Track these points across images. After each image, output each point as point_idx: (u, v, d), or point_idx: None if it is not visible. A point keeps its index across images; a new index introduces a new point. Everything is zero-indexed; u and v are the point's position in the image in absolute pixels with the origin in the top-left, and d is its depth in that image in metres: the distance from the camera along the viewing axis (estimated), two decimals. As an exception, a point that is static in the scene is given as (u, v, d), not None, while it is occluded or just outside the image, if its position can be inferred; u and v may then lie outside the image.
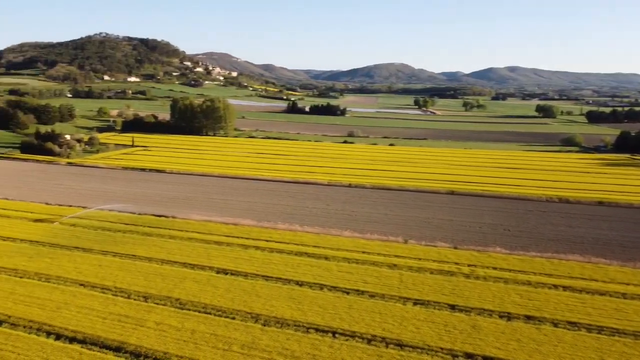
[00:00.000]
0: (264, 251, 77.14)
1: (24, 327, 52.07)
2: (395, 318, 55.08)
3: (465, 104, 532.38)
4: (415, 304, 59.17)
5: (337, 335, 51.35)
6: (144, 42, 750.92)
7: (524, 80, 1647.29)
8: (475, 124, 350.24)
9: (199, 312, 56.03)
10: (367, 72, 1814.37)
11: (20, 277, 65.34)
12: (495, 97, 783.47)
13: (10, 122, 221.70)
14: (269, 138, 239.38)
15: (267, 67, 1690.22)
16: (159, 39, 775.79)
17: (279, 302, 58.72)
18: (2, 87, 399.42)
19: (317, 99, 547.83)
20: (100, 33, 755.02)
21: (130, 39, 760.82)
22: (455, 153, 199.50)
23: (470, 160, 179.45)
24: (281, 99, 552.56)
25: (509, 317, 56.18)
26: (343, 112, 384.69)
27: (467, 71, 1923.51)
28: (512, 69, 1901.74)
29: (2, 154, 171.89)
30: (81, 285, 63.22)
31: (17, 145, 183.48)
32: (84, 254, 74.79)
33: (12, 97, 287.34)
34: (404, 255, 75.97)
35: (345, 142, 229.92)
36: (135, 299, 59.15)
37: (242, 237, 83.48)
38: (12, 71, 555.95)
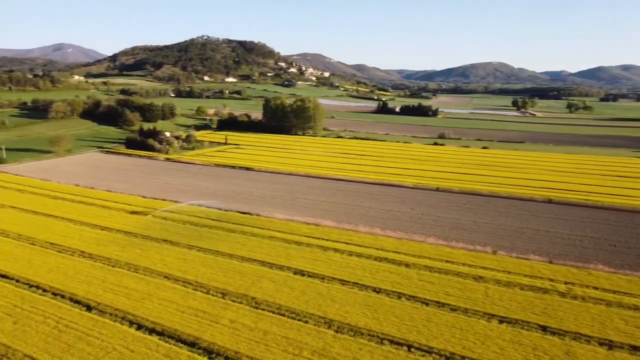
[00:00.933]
0: (343, 254, 75.65)
1: (110, 314, 54.86)
2: (478, 336, 51.11)
3: (569, 106, 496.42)
4: (501, 321, 54.60)
5: (412, 350, 48.57)
6: (241, 44, 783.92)
7: (639, 80, 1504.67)
8: (580, 127, 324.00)
9: (273, 312, 55.73)
10: (462, 72, 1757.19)
11: (112, 266, 69.25)
12: (605, 98, 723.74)
13: (119, 119, 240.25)
14: (356, 138, 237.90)
15: (360, 68, 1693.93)
16: (255, 40, 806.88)
17: (353, 308, 56.92)
18: (114, 87, 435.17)
19: (408, 100, 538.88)
20: (202, 36, 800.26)
21: (229, 41, 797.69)
22: (556, 158, 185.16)
23: (572, 166, 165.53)
24: (372, 99, 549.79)
25: (610, 345, 49.98)
26: (435, 113, 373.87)
27: (572, 70, 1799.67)
28: (626, 68, 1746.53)
29: (110, 149, 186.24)
30: (165, 277, 65.66)
31: (123, 140, 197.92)
32: (171, 247, 77.90)
33: (122, 97, 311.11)
34: (491, 267, 70.89)
35: (435, 144, 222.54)
36: (213, 295, 60.23)
37: (321, 238, 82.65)
38: (125, 72, 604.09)
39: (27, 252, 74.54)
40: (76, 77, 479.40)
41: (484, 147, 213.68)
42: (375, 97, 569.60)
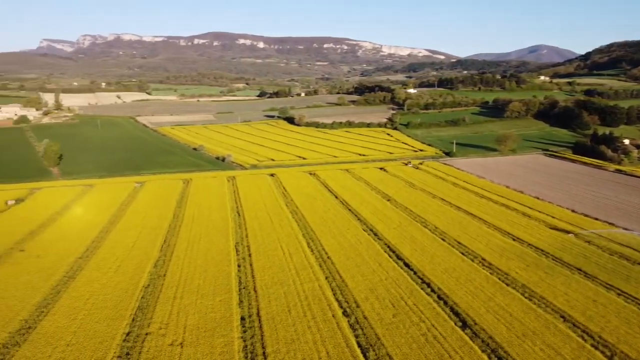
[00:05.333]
0: None
1: (481, 341, 48.20)
2: None
3: None
4: None
5: None
6: None
7: None
8: None
9: None
10: None
11: (506, 285, 61.88)
12: None
13: (574, 121, 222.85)
14: None
15: None
16: None
17: None
18: (579, 87, 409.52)
19: None
20: None
21: None
22: None
23: None
24: None
25: None
26: None
27: None
28: None
29: (555, 152, 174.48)
30: (561, 317, 53.54)
31: (571, 145, 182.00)
32: (583, 279, 63.59)
33: (582, 97, 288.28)
34: None
35: None
36: (617, 364, 44.52)
37: None
38: (595, 72, 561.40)
39: (434, 246, 76.28)
40: (542, 78, 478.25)
41: None
42: None
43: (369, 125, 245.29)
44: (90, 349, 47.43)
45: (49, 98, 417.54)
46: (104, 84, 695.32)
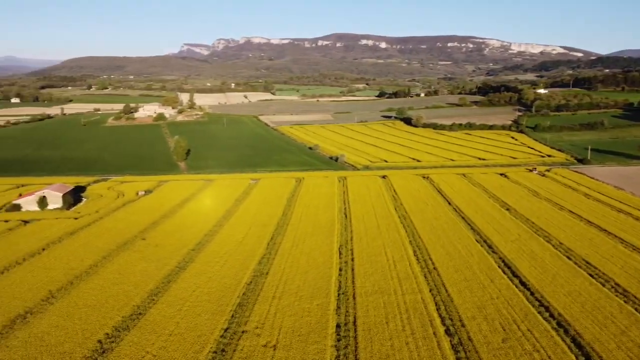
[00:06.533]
0: None
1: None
2: None
3: None
4: None
5: None
6: None
7: None
8: None
9: None
10: None
11: (645, 317, 52.81)
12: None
13: None
14: None
15: None
16: None
17: None
18: None
19: None
20: None
21: None
22: None
23: None
24: None
25: None
26: None
27: None
28: None
29: None
30: None
31: None
32: None
33: None
34: None
35: None
36: None
37: None
38: None
39: (557, 265, 68.10)
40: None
41: None
42: None
43: (491, 127, 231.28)
44: (189, 342, 48.78)
45: (184, 97, 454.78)
46: (233, 84, 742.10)
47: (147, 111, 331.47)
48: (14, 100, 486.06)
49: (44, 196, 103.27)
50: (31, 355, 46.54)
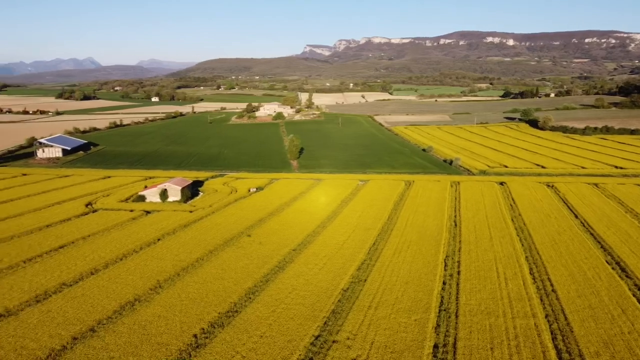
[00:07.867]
0: None
1: None
2: None
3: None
4: None
5: None
6: None
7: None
8: None
9: None
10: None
11: None
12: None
13: None
14: None
15: None
16: None
17: None
18: None
19: None
20: None
21: None
22: None
23: None
24: None
25: None
26: None
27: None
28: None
29: None
30: None
31: None
32: None
33: None
34: None
35: None
36: None
37: None
38: None
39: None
40: None
41: None
42: None
43: (633, 132, 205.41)
44: (279, 346, 47.82)
45: (304, 97, 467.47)
46: (351, 84, 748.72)
47: (267, 110, 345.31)
48: (154, 99, 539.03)
49: (165, 189, 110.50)
50: (133, 343, 48.70)
